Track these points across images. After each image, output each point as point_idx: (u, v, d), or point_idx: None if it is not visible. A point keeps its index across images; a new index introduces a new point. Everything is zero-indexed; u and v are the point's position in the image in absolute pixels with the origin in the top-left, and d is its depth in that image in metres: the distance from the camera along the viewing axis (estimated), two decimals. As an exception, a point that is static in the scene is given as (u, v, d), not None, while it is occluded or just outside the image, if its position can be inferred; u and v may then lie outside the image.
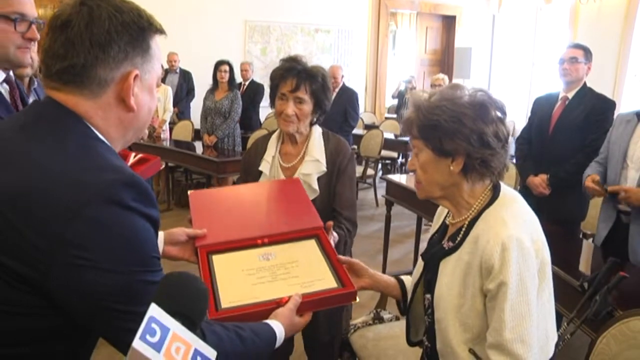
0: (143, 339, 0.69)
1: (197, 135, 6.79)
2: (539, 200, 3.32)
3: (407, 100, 8.98)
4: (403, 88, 9.85)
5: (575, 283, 2.24)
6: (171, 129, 6.83)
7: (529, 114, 3.80)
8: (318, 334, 2.20)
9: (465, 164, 1.41)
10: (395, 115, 9.80)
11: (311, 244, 1.70)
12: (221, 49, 7.67)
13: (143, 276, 0.97)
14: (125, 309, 0.94)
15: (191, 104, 7.75)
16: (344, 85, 6.26)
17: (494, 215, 1.41)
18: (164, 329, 0.71)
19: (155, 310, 0.72)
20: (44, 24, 1.65)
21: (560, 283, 2.28)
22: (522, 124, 3.49)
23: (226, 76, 6.11)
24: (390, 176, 5.08)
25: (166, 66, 7.31)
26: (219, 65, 6.15)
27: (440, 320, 1.47)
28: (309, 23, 9.13)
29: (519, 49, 9.47)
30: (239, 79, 6.81)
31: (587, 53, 3.36)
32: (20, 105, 1.89)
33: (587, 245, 3.14)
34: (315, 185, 2.10)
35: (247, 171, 2.24)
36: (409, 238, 5.42)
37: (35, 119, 1.03)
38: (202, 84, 6.85)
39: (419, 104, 1.45)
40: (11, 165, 0.96)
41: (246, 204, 1.89)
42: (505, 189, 1.49)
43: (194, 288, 0.85)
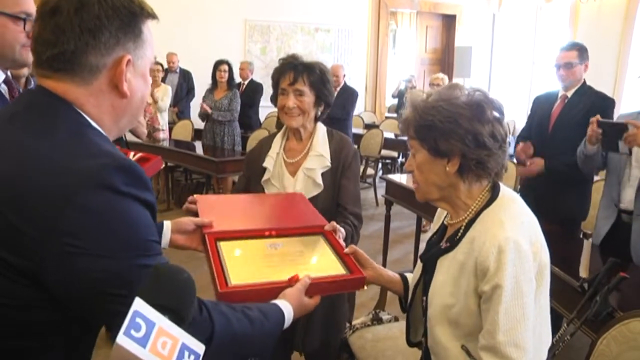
0: (127, 334, 0.67)
1: (197, 135, 6.78)
2: (538, 200, 3.30)
3: (407, 99, 8.98)
4: (403, 87, 9.85)
5: (575, 283, 2.24)
6: (171, 129, 6.82)
7: (529, 113, 3.79)
8: (317, 335, 2.19)
9: (461, 165, 1.40)
10: (395, 115, 9.79)
11: (317, 239, 1.73)
12: (221, 48, 7.66)
13: (140, 260, 0.96)
14: (121, 292, 0.92)
15: (191, 104, 7.74)
16: (345, 84, 6.27)
17: (492, 217, 1.40)
18: (150, 324, 0.69)
19: (139, 304, 0.70)
20: None
21: (560, 283, 2.27)
22: (522, 122, 3.48)
23: (225, 76, 6.11)
24: (390, 176, 5.08)
25: (165, 66, 7.30)
26: (218, 64, 6.14)
27: (430, 318, 1.47)
28: (308, 22, 9.13)
29: (519, 48, 9.46)
30: (238, 78, 6.80)
31: (582, 52, 3.33)
32: None
33: (588, 245, 3.12)
34: (319, 180, 2.10)
35: (250, 167, 2.24)
36: (409, 238, 5.40)
37: (25, 107, 1.02)
38: (202, 83, 6.83)
39: (415, 104, 1.45)
40: (1, 155, 0.95)
41: (252, 205, 1.95)
42: (504, 190, 1.47)
43: (181, 279, 0.82)
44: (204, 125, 6.41)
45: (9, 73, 1.85)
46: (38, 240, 0.89)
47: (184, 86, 7.65)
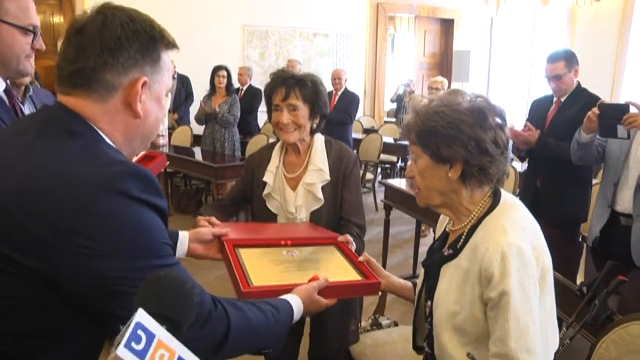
0: (128, 346, 0.67)
1: (197, 141, 6.78)
2: (537, 203, 3.31)
3: (406, 104, 9.01)
4: (402, 92, 9.85)
5: (574, 287, 2.24)
6: (170, 135, 6.82)
7: (527, 117, 3.79)
8: (327, 345, 2.21)
9: (464, 171, 1.41)
10: (394, 120, 9.79)
11: (331, 249, 1.86)
12: (220, 54, 7.66)
13: (153, 261, 1.00)
14: (134, 292, 0.94)
15: (190, 109, 7.74)
16: (346, 89, 6.28)
17: (494, 223, 1.40)
18: (150, 336, 0.70)
19: (142, 316, 0.71)
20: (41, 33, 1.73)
21: (560, 287, 2.26)
22: (521, 126, 3.49)
23: (224, 81, 6.11)
24: (390, 181, 5.07)
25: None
26: (216, 70, 6.14)
27: (436, 325, 1.47)
28: (307, 27, 9.14)
29: (518, 51, 9.47)
30: (236, 84, 6.80)
31: (569, 60, 3.34)
32: (21, 113, 1.92)
33: (587, 249, 3.12)
34: (320, 195, 2.11)
35: (250, 176, 2.24)
36: (409, 243, 5.40)
37: (42, 122, 1.07)
38: (201, 89, 6.83)
39: (418, 110, 1.45)
40: (17, 167, 0.99)
41: (268, 227, 2.12)
42: (505, 196, 1.48)
43: (184, 290, 0.83)
44: (203, 131, 6.41)
45: (8, 82, 1.87)
46: (54, 244, 0.92)
47: (183, 92, 7.65)
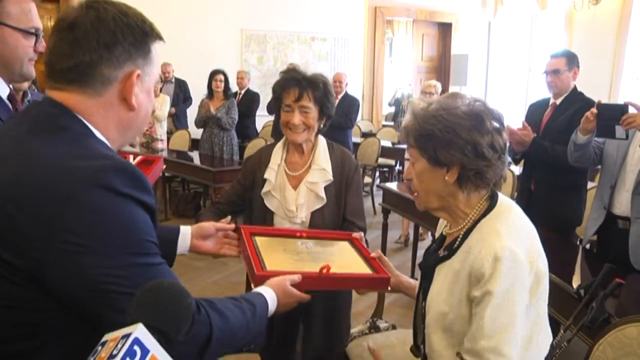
0: None
1: (195, 144, 6.78)
2: (533, 205, 3.30)
3: (404, 107, 9.01)
4: (400, 95, 9.87)
5: (571, 290, 2.24)
6: (168, 139, 6.82)
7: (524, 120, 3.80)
8: (319, 346, 2.21)
9: (460, 175, 1.41)
10: (392, 123, 9.80)
11: (345, 244, 1.91)
12: (218, 58, 7.68)
13: (138, 259, 0.99)
14: (119, 290, 0.96)
15: (187, 112, 7.73)
16: (346, 92, 6.29)
17: (489, 226, 1.40)
18: (144, 352, 0.70)
19: (141, 331, 0.71)
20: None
21: (557, 290, 2.27)
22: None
23: (221, 85, 6.12)
24: (387, 184, 5.08)
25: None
26: (214, 74, 6.15)
27: (427, 325, 1.48)
28: (305, 31, 9.16)
29: (515, 55, 9.50)
30: (235, 87, 6.80)
31: (571, 59, 3.35)
32: None
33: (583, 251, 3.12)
34: (322, 194, 2.12)
35: (248, 176, 2.24)
36: (407, 246, 5.41)
37: (32, 117, 1.07)
38: (199, 93, 6.83)
39: (416, 113, 1.45)
40: (8, 160, 0.99)
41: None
42: (502, 199, 1.48)
43: (183, 305, 0.83)
44: (201, 134, 6.41)
45: (11, 87, 1.86)
46: (38, 238, 0.92)
47: (181, 96, 7.65)
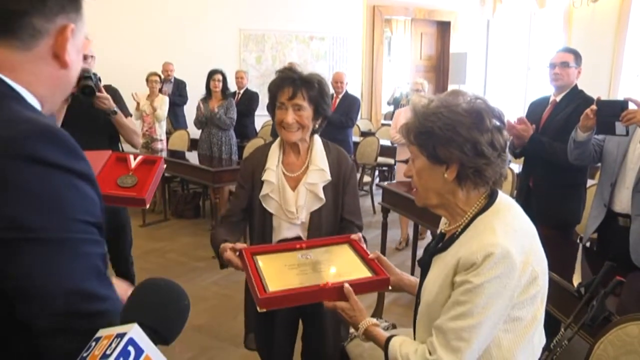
0: None
1: (193, 144, 6.78)
2: (532, 203, 3.30)
3: (403, 106, 9.01)
4: (398, 94, 9.87)
5: (572, 288, 2.23)
6: (167, 139, 6.81)
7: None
8: (320, 344, 2.21)
9: (459, 173, 1.41)
10: (391, 122, 9.79)
11: (344, 248, 1.96)
12: (216, 58, 7.68)
13: (74, 244, 0.86)
14: (59, 281, 0.83)
15: (186, 113, 7.73)
16: (346, 92, 6.29)
17: (484, 223, 1.40)
18: (138, 352, 0.69)
19: (135, 331, 0.70)
20: None
21: (557, 288, 2.27)
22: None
23: (219, 85, 6.11)
24: (387, 183, 5.07)
25: (162, 76, 7.28)
26: (212, 74, 6.14)
27: (418, 314, 1.51)
28: (303, 31, 9.16)
29: (514, 53, 9.51)
30: (233, 87, 6.79)
31: (578, 57, 3.36)
32: None
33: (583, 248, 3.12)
34: (322, 195, 2.12)
35: (248, 180, 2.22)
36: (407, 245, 5.41)
37: None
38: (197, 93, 6.82)
39: (416, 110, 1.45)
40: None
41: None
42: (501, 197, 1.48)
43: (182, 306, 0.83)
44: (200, 134, 6.40)
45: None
46: None
47: (177, 95, 7.64)
